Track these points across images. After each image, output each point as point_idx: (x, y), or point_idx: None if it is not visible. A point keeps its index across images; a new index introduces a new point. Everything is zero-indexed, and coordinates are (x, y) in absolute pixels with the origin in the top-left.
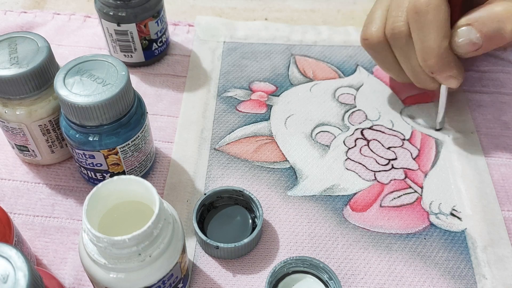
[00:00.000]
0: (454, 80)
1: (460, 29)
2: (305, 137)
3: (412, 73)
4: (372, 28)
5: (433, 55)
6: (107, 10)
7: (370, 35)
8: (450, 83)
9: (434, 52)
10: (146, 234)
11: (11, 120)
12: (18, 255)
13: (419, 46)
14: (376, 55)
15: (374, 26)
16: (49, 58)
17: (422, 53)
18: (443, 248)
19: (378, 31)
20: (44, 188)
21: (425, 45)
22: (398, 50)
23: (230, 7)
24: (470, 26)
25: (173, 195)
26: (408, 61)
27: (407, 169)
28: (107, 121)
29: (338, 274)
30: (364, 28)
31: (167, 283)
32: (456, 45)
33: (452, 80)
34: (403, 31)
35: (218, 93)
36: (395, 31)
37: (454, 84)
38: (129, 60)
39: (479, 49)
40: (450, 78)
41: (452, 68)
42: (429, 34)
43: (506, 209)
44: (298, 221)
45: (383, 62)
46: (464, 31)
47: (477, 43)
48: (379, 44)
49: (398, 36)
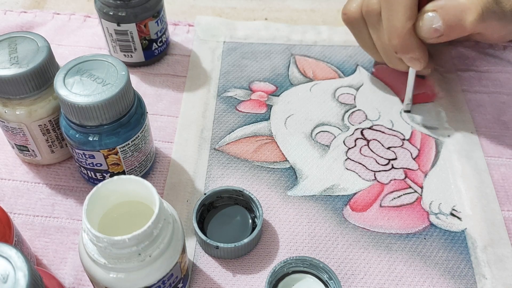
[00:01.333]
0: (417, 62)
1: (425, 14)
2: (305, 137)
3: (383, 52)
4: (353, 4)
5: (396, 35)
6: (107, 10)
7: (349, 11)
8: (413, 64)
9: (398, 32)
10: (146, 234)
11: (11, 120)
12: (18, 255)
13: (386, 24)
14: (354, 31)
15: (354, 3)
16: (49, 58)
17: (387, 32)
18: (443, 248)
19: (356, 8)
20: (44, 188)
21: (391, 24)
22: (371, 27)
23: (230, 7)
24: (435, 12)
25: (173, 195)
26: (379, 39)
27: (407, 169)
28: (107, 121)
29: (338, 274)
30: (346, 4)
31: (167, 283)
32: (419, 29)
33: (415, 61)
34: (375, 9)
35: (218, 93)
36: (369, 9)
37: (417, 66)
38: (129, 60)
39: (441, 37)
40: (412, 60)
41: (414, 50)
42: (395, 14)
43: (506, 209)
44: (298, 221)
45: (360, 38)
46: (429, 16)
47: (439, 30)
48: (356, 20)
49: (370, 14)
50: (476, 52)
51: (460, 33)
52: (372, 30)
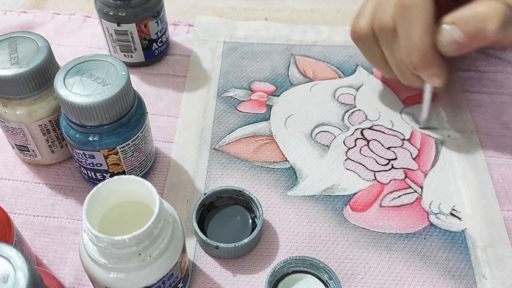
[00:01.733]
0: (437, 78)
1: (444, 27)
2: (305, 137)
3: (397, 69)
4: (361, 21)
5: (417, 52)
6: (107, 10)
7: (359, 28)
8: (433, 81)
9: (418, 49)
10: (146, 234)
11: (11, 120)
12: (18, 255)
13: (403, 41)
14: (364, 48)
15: (363, 20)
16: (49, 58)
17: (406, 49)
18: (443, 248)
19: (367, 25)
20: (44, 188)
21: (409, 40)
22: (384, 44)
23: (230, 7)
24: (454, 25)
25: (173, 195)
26: (393, 56)
27: (407, 169)
28: (107, 121)
29: (338, 274)
30: (354, 21)
31: (167, 283)
32: (440, 43)
33: (435, 78)
34: (389, 26)
35: (218, 93)
36: (382, 25)
37: (437, 83)
38: (129, 60)
39: (462, 48)
40: (433, 76)
41: (434, 66)
42: (414, 29)
43: (506, 209)
44: (298, 221)
45: (370, 56)
46: (448, 29)
47: (460, 42)
48: (367, 37)
49: (384, 31)
50: (476, 52)
51: (481, 43)
52: (385, 47)
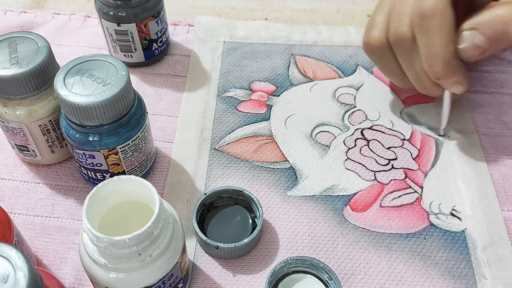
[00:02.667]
0: (460, 86)
1: (464, 33)
2: (305, 137)
3: (415, 79)
4: (375, 32)
5: (439, 61)
6: (107, 10)
7: (373, 40)
8: (455, 89)
9: (440, 58)
10: (146, 234)
11: (11, 120)
12: (18, 255)
13: (424, 51)
14: (379, 60)
15: (376, 31)
16: (49, 58)
17: (427, 58)
18: (443, 248)
19: (381, 36)
20: (44, 188)
21: (431, 50)
22: (401, 55)
23: (230, 7)
24: (475, 30)
25: (173, 195)
26: (411, 66)
27: (407, 169)
28: (107, 121)
29: (338, 274)
30: (366, 33)
31: (167, 283)
32: (461, 50)
33: (457, 86)
34: (407, 36)
35: (218, 93)
36: (399, 36)
37: (459, 90)
38: (129, 60)
39: (484, 52)
40: (455, 84)
41: (457, 74)
42: (435, 39)
43: (506, 209)
44: (298, 221)
45: (385, 67)
46: (469, 35)
47: (482, 47)
48: (382, 49)
49: (402, 41)
50: None
51: (504, 46)
52: (402, 57)
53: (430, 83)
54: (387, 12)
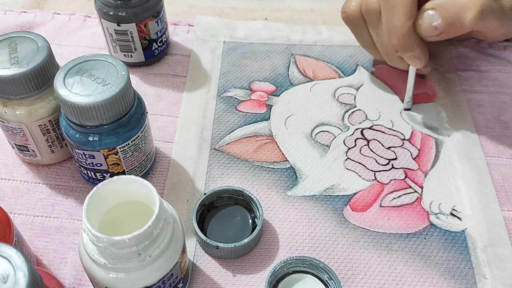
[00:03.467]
0: (417, 60)
1: (425, 12)
2: (305, 137)
3: (382, 51)
4: (352, 2)
5: (396, 34)
6: (107, 10)
7: (348, 9)
8: (413, 63)
9: (398, 31)
10: (146, 234)
11: (11, 120)
12: (18, 255)
13: (385, 24)
14: (354, 29)
15: (353, 1)
16: (49, 58)
17: (387, 31)
18: (443, 248)
19: (356, 6)
20: (44, 188)
21: (390, 24)
22: (371, 26)
23: (230, 7)
24: (434, 10)
25: (173, 195)
26: (379, 38)
27: (407, 169)
28: (107, 121)
29: (338, 274)
30: (344, 2)
31: (167, 283)
32: (419, 27)
33: (415, 60)
34: (375, 8)
35: (218, 93)
36: (368, 8)
37: (418, 65)
38: (129, 60)
39: (441, 35)
40: (413, 58)
41: (414, 49)
42: (395, 13)
43: (506, 209)
44: (298, 221)
45: (359, 37)
46: (428, 14)
47: (439, 28)
48: (356, 19)
49: (370, 13)
50: (476, 52)
51: (459, 31)
52: (371, 29)
53: (395, 56)
54: None
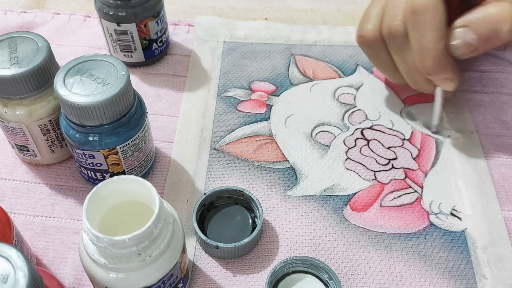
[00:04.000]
0: (450, 82)
1: (456, 30)
2: (305, 137)
3: (407, 74)
4: (368, 25)
5: (430, 56)
6: (107, 10)
7: (366, 33)
8: (446, 85)
9: (431, 53)
10: (146, 234)
11: (11, 120)
12: (18, 255)
13: (416, 46)
14: (372, 53)
15: (370, 24)
16: (49, 58)
17: (418, 53)
18: (443, 248)
19: (374, 29)
20: (44, 188)
21: (422, 45)
22: (394, 49)
23: (230, 7)
24: (466, 28)
25: (173, 195)
26: (403, 61)
27: (407, 169)
28: (107, 121)
29: (338, 274)
30: (360, 25)
31: (167, 283)
32: (453, 47)
33: (448, 82)
34: (400, 31)
35: (218, 93)
36: (392, 30)
37: (450, 87)
38: (129, 60)
39: (476, 50)
40: (446, 80)
41: (448, 70)
42: (426, 34)
43: (506, 209)
44: (298, 221)
45: (378, 61)
46: (460, 32)
47: (473, 44)
48: (375, 42)
49: (394, 35)
50: None
51: (495, 44)
52: (394, 52)
53: (422, 79)
54: (381, 6)
